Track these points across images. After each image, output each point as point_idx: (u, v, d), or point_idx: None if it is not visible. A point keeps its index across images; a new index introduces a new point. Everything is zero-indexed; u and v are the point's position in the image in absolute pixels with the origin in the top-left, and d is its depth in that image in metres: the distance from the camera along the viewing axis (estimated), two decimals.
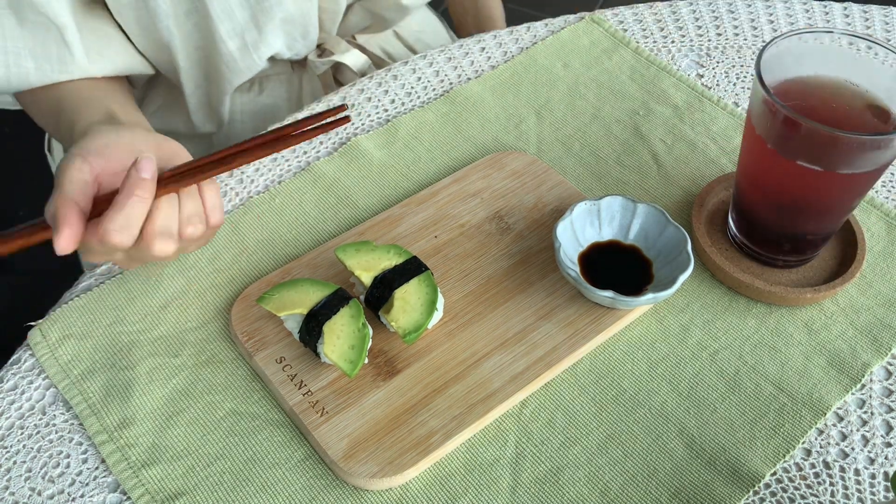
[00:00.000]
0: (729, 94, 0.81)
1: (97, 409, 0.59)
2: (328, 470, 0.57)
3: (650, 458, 0.58)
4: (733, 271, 0.65)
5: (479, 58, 0.85)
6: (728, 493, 0.56)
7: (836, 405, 0.60)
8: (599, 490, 0.56)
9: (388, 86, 0.82)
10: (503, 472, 0.57)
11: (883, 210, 0.72)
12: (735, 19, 0.89)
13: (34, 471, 0.57)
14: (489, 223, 0.69)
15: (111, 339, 0.63)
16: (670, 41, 0.86)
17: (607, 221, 0.67)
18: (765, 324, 0.65)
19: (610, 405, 0.60)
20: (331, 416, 0.58)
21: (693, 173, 0.75)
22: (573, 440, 0.59)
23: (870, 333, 0.64)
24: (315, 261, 0.66)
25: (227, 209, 0.71)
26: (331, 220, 0.71)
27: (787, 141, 0.59)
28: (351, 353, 0.57)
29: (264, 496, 0.56)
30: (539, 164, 0.74)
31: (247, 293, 0.64)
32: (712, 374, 0.62)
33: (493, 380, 0.60)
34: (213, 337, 0.63)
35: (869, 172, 0.59)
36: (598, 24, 0.87)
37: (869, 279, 0.67)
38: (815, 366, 0.62)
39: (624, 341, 0.64)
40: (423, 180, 0.74)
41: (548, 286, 0.65)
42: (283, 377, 0.59)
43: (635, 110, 0.80)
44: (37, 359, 0.62)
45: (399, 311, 0.59)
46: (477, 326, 0.63)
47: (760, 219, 0.65)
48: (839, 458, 0.58)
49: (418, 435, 0.57)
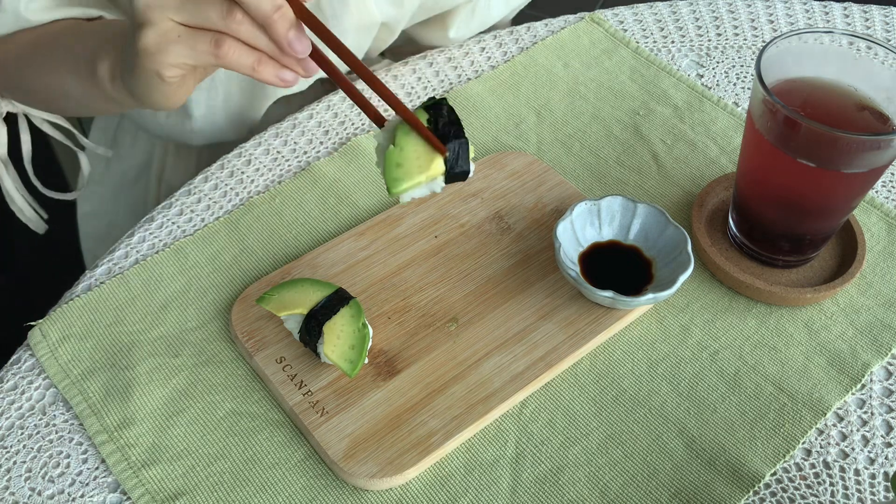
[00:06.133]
0: (729, 94, 0.81)
1: (97, 409, 0.59)
2: (328, 470, 0.57)
3: (650, 459, 0.58)
4: (733, 271, 0.65)
5: (479, 58, 0.85)
6: (728, 493, 0.56)
7: (836, 405, 0.60)
8: (599, 490, 0.56)
9: (388, 86, 0.82)
10: (503, 472, 0.57)
11: (883, 210, 0.72)
12: (735, 19, 0.89)
13: (34, 471, 0.57)
14: (489, 223, 0.69)
15: (111, 339, 0.63)
16: (670, 41, 0.86)
17: (607, 221, 0.67)
18: (765, 324, 0.65)
19: (610, 405, 0.60)
20: (331, 416, 0.58)
21: (693, 173, 0.75)
22: (573, 440, 0.59)
23: (870, 333, 0.64)
24: (315, 261, 0.66)
25: (227, 209, 0.72)
26: (331, 220, 0.71)
27: (787, 141, 0.59)
28: (351, 353, 0.57)
29: (264, 496, 0.56)
30: (539, 164, 0.74)
31: (247, 293, 0.64)
32: (712, 375, 0.62)
33: (493, 380, 0.60)
34: (213, 337, 0.63)
35: (869, 172, 0.59)
36: (598, 24, 0.87)
37: (869, 279, 0.67)
38: (815, 366, 0.62)
39: (624, 341, 0.64)
40: None
41: (548, 286, 0.65)
42: (283, 377, 0.59)
43: (635, 110, 0.80)
44: (37, 359, 0.62)
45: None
46: (477, 326, 0.63)
47: (760, 219, 0.65)
48: (839, 458, 0.58)
49: (418, 435, 0.57)
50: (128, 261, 0.68)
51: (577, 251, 0.65)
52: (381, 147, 0.52)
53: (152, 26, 0.52)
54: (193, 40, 0.52)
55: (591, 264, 0.65)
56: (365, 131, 0.78)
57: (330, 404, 0.58)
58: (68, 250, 1.12)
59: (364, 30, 0.77)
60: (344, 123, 0.78)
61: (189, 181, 0.73)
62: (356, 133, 0.78)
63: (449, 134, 0.51)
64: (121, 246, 0.69)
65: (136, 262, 0.68)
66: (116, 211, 0.97)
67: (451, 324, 0.63)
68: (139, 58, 0.53)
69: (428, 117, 0.51)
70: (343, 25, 0.75)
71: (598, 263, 0.65)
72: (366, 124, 0.78)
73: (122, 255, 0.68)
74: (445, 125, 0.51)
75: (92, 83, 0.64)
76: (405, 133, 0.51)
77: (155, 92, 0.56)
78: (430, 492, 0.56)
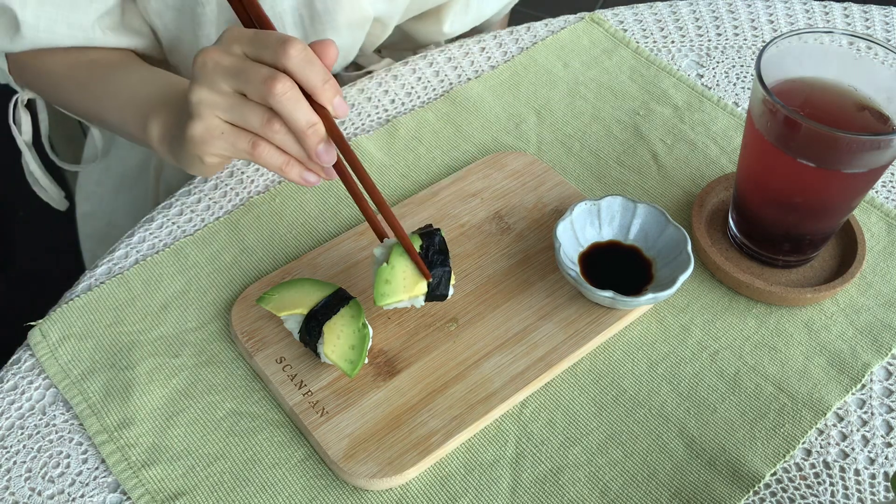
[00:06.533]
0: (729, 94, 0.81)
1: (97, 409, 0.59)
2: (328, 470, 0.57)
3: (650, 459, 0.58)
4: (733, 271, 0.65)
5: (479, 58, 0.85)
6: (728, 493, 0.56)
7: (836, 405, 0.60)
8: (599, 490, 0.56)
9: (388, 86, 0.82)
10: (503, 472, 0.57)
11: (883, 210, 0.72)
12: (735, 19, 0.89)
13: (34, 471, 0.57)
14: (489, 223, 0.69)
15: (111, 339, 0.63)
16: (670, 41, 0.87)
17: (607, 221, 0.67)
18: (765, 324, 0.65)
19: (610, 405, 0.60)
20: (331, 416, 0.58)
21: (693, 173, 0.75)
22: (573, 440, 0.59)
23: (870, 333, 0.64)
24: (315, 261, 0.66)
25: (227, 209, 0.72)
26: (331, 220, 0.71)
27: (787, 141, 0.59)
28: (351, 353, 0.57)
29: (264, 496, 0.56)
30: (539, 164, 0.74)
31: (247, 293, 0.64)
32: (712, 375, 0.62)
33: (493, 380, 0.60)
34: (214, 337, 0.63)
35: (869, 172, 0.59)
36: (598, 24, 0.87)
37: (869, 279, 0.67)
38: (815, 366, 0.62)
39: (624, 341, 0.64)
40: (423, 180, 0.74)
41: (548, 286, 0.65)
42: (283, 377, 0.59)
43: (635, 110, 0.80)
44: (37, 359, 0.62)
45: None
46: (477, 326, 0.63)
47: (760, 219, 0.65)
48: (839, 459, 0.58)
49: (418, 435, 0.57)
50: (128, 261, 0.68)
51: (577, 251, 0.65)
52: (378, 260, 0.59)
53: (201, 120, 0.58)
54: (234, 138, 0.58)
55: (591, 264, 0.65)
56: (365, 132, 0.78)
57: (330, 404, 0.58)
58: (68, 250, 1.12)
59: (357, 25, 0.78)
60: (343, 123, 0.78)
61: (189, 181, 0.73)
62: (356, 133, 0.78)
63: (436, 262, 0.59)
64: (121, 246, 0.69)
65: (136, 262, 0.68)
66: (116, 211, 0.97)
67: (451, 324, 0.63)
68: (186, 142, 0.60)
69: (422, 243, 0.59)
70: (336, 21, 0.75)
71: (598, 263, 0.65)
72: (365, 125, 0.78)
73: (122, 255, 0.68)
74: (435, 254, 0.59)
75: (139, 132, 0.69)
76: (399, 254, 0.58)
77: (194, 167, 0.65)
78: (430, 492, 0.56)
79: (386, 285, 0.58)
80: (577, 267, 0.64)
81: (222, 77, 0.57)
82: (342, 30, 0.77)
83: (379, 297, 0.58)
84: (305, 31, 0.76)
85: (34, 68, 0.76)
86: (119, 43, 0.75)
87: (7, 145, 1.81)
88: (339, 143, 0.57)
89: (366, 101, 0.80)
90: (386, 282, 0.58)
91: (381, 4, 0.78)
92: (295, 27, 0.76)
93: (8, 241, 1.62)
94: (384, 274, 0.58)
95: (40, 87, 0.79)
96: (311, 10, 0.74)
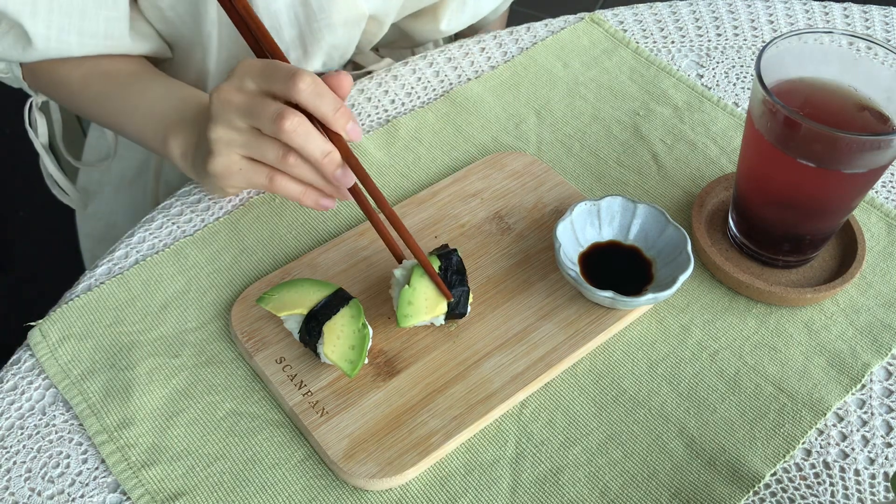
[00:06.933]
0: (729, 94, 0.81)
1: (97, 409, 0.59)
2: (328, 470, 0.57)
3: (650, 459, 0.58)
4: (733, 271, 0.65)
5: (478, 58, 0.85)
6: (728, 493, 0.56)
7: (836, 405, 0.60)
8: (599, 490, 0.56)
9: (388, 86, 0.82)
10: (503, 473, 0.57)
11: (883, 210, 0.72)
12: (735, 19, 0.89)
13: (34, 471, 0.57)
14: (489, 223, 0.69)
15: (111, 339, 0.63)
16: (670, 41, 0.87)
17: (607, 222, 0.67)
18: (765, 324, 0.65)
19: (610, 405, 0.60)
20: (331, 416, 0.58)
21: (693, 173, 0.75)
22: (573, 440, 0.59)
23: (870, 333, 0.64)
24: (315, 261, 0.66)
25: (227, 209, 0.72)
26: (331, 221, 0.71)
27: (787, 141, 0.59)
28: (351, 353, 0.57)
29: (264, 496, 0.56)
30: (539, 164, 0.74)
31: (247, 293, 0.64)
32: (712, 375, 0.62)
33: (493, 380, 0.60)
34: (213, 337, 0.63)
35: (869, 172, 0.60)
36: (598, 24, 0.87)
37: (869, 279, 0.67)
38: (815, 366, 0.62)
39: (624, 341, 0.64)
40: (423, 180, 0.74)
41: (548, 286, 0.65)
42: (283, 377, 0.59)
43: (635, 110, 0.80)
44: (37, 359, 0.62)
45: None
46: (477, 326, 0.63)
47: (760, 219, 0.65)
48: (839, 459, 0.58)
49: (418, 435, 0.57)
50: (128, 261, 0.68)
51: (577, 251, 0.65)
52: (399, 281, 0.61)
53: (220, 157, 0.61)
54: (252, 172, 0.62)
55: (591, 264, 0.65)
56: (365, 132, 0.78)
57: (330, 404, 0.58)
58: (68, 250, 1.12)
59: (352, 23, 0.78)
60: None
61: (189, 181, 0.73)
62: None
63: (455, 282, 0.61)
64: (121, 246, 0.69)
65: (136, 263, 0.68)
66: (116, 211, 0.97)
67: (451, 324, 0.63)
68: (208, 175, 0.64)
69: (440, 264, 0.61)
70: (331, 19, 0.75)
71: (598, 263, 0.65)
72: (365, 125, 0.78)
73: (122, 256, 0.68)
74: (453, 274, 0.61)
75: (160, 148, 0.71)
76: (420, 275, 0.60)
77: (216, 192, 0.70)
78: (430, 492, 0.56)
79: (409, 307, 0.59)
80: (577, 267, 0.64)
81: (236, 115, 0.59)
82: (337, 27, 0.77)
83: (402, 318, 0.59)
84: (301, 28, 0.76)
85: (47, 78, 0.76)
86: (131, 49, 0.75)
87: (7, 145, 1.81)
88: (354, 167, 0.59)
89: (366, 101, 0.80)
90: (409, 303, 0.59)
91: (376, 1, 0.78)
92: (290, 25, 0.76)
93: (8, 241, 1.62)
94: (406, 296, 0.59)
95: (55, 97, 0.79)
96: (305, 7, 0.75)
